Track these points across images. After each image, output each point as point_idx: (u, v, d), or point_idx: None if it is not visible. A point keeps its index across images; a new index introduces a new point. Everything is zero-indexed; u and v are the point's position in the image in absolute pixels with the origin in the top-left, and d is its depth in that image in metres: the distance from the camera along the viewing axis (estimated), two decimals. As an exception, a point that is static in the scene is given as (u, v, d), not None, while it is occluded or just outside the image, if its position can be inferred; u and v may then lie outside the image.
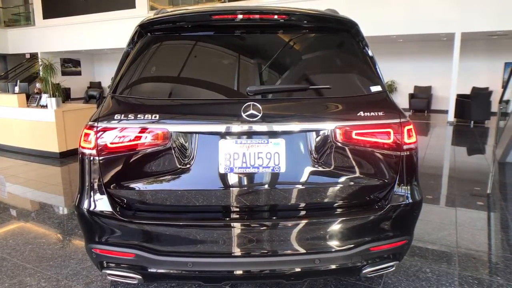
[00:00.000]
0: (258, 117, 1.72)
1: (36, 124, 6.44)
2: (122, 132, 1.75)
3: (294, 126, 1.75)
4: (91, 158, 1.79)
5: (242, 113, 1.73)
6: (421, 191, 1.93)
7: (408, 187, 1.87)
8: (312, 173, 1.78)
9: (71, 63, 19.21)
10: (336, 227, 1.77)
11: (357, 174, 1.80)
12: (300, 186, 1.78)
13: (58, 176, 5.62)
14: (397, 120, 1.82)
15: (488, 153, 6.98)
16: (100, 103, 8.39)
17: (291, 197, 1.80)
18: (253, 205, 1.80)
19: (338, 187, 1.80)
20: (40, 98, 6.66)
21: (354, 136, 1.77)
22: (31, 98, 6.98)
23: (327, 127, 1.76)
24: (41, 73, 11.19)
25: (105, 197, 1.79)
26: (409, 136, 1.84)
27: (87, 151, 1.81)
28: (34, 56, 18.24)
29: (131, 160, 1.76)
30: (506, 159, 6.01)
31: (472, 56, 12.24)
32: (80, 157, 1.86)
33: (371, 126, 1.78)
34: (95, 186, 1.81)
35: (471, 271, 2.68)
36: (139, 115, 1.74)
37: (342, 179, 1.80)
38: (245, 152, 1.75)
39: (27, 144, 6.68)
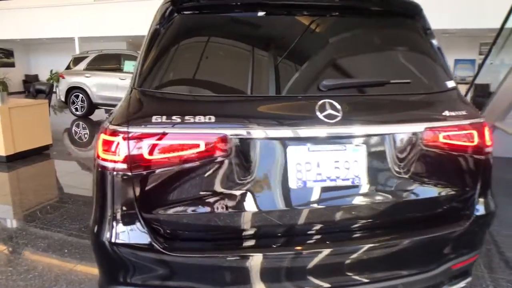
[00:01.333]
0: (338, 118, 1.40)
1: (-25, 123, 5.48)
2: (166, 140, 1.33)
3: (378, 128, 1.46)
4: (119, 174, 1.35)
5: (318, 113, 1.40)
6: (495, 199, 1.75)
7: (488, 195, 1.68)
8: (396, 184, 1.50)
9: (2, 54, 17.13)
10: (421, 245, 1.52)
11: (443, 183, 1.57)
12: (383, 201, 1.50)
13: (5, 184, 4.80)
14: (479, 120, 1.61)
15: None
16: (50, 98, 7.45)
17: (373, 214, 1.51)
18: (329, 227, 1.49)
19: (423, 199, 1.55)
20: (-22, 92, 5.67)
21: (441, 139, 1.52)
22: (-35, 92, 5.93)
23: (415, 129, 1.49)
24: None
25: (140, 224, 1.36)
26: (489, 138, 1.64)
27: (110, 165, 1.36)
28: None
29: (177, 176, 1.35)
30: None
31: (424, 53, 12.84)
32: (98, 173, 1.41)
33: (458, 127, 1.55)
34: (125, 211, 1.37)
35: (499, 273, 2.61)
36: (186, 117, 1.34)
37: (428, 189, 1.55)
38: (319, 161, 1.42)
39: (-38, 146, 5.67)
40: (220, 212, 1.39)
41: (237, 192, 1.38)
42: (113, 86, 9.21)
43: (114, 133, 1.35)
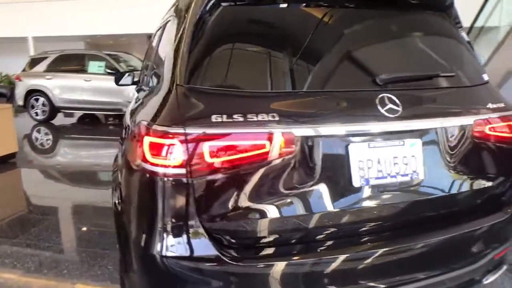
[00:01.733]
0: (399, 113, 1.37)
1: None
2: (228, 141, 1.22)
3: (433, 122, 1.45)
4: (173, 180, 1.23)
5: (380, 108, 1.36)
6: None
7: None
8: (450, 176, 1.51)
9: None
10: (472, 237, 1.55)
11: (491, 174, 1.61)
12: (439, 195, 1.50)
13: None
14: None
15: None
16: (13, 101, 6.86)
17: (431, 209, 1.52)
18: (394, 224, 1.46)
19: (473, 191, 1.57)
20: None
21: (487, 131, 1.55)
22: None
23: (466, 121, 1.51)
24: None
25: (202, 235, 1.24)
26: None
27: (162, 170, 1.23)
28: None
29: (241, 180, 1.25)
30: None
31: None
32: (146, 179, 1.27)
33: (501, 118, 1.59)
34: (183, 220, 1.25)
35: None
36: (249, 116, 1.24)
37: (478, 180, 1.58)
38: (380, 158, 1.38)
39: None
40: (286, 215, 1.31)
41: (303, 194, 1.31)
42: (77, 88, 8.68)
43: (166, 135, 1.23)
